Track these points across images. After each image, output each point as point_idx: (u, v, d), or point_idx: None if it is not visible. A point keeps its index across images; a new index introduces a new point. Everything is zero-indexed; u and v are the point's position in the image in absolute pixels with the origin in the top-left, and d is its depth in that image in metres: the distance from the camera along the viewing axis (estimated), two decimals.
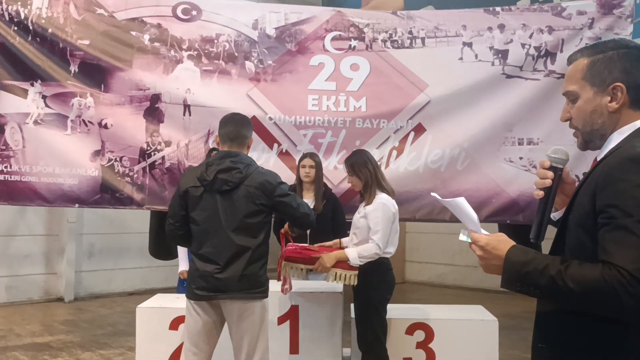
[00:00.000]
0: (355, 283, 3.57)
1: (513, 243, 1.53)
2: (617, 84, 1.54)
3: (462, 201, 1.61)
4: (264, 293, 3.12)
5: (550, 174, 1.64)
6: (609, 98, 1.55)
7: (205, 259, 3.06)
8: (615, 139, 1.55)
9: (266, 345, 3.16)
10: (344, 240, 3.91)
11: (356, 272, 3.57)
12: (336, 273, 3.60)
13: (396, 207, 3.70)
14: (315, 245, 3.87)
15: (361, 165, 3.69)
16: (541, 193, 1.64)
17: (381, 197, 3.62)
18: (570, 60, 1.65)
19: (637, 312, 1.34)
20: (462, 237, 1.61)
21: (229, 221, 3.03)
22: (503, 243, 1.54)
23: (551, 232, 1.65)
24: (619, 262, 1.35)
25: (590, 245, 1.45)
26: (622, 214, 1.37)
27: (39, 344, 5.55)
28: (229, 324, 3.13)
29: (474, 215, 1.60)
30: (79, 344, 5.56)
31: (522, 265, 1.47)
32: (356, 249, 3.60)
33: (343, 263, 3.58)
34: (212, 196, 3.05)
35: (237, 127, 3.16)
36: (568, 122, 1.65)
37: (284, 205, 3.12)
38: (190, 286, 3.13)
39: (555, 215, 1.73)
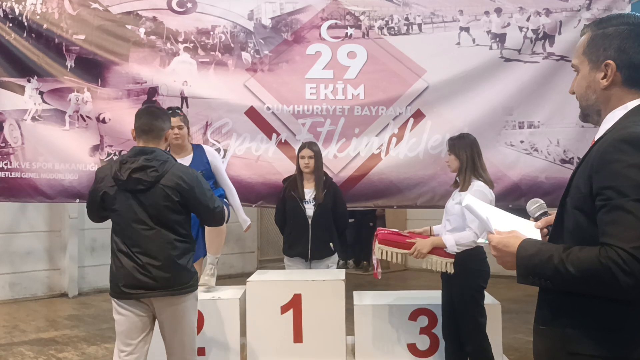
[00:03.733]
0: (452, 271, 3.49)
1: (523, 237, 1.55)
2: (608, 61, 1.54)
3: (474, 205, 1.68)
4: (193, 287, 3.05)
5: (545, 231, 1.70)
6: (602, 74, 1.56)
7: (129, 256, 2.96)
8: (610, 119, 1.56)
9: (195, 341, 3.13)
10: (435, 227, 3.83)
11: (452, 259, 3.48)
12: (432, 259, 3.52)
13: (493, 195, 3.58)
14: (405, 231, 3.85)
15: (461, 147, 3.62)
16: (545, 231, 1.71)
17: (478, 185, 3.52)
18: (581, 34, 1.66)
19: (637, 290, 1.35)
20: (480, 241, 1.65)
21: (148, 219, 2.93)
22: (513, 239, 1.55)
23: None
24: (616, 242, 1.36)
25: (587, 226, 1.46)
26: (618, 194, 1.38)
27: (44, 339, 5.58)
28: (161, 322, 3.04)
29: (483, 215, 1.65)
30: (85, 338, 5.58)
31: (529, 258, 1.49)
32: (453, 236, 3.48)
33: (439, 250, 3.50)
34: (127, 195, 2.95)
35: (150, 120, 3.02)
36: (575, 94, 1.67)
37: (198, 205, 3.01)
38: (115, 284, 3.01)
39: None
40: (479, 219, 1.64)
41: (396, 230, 3.89)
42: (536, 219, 1.75)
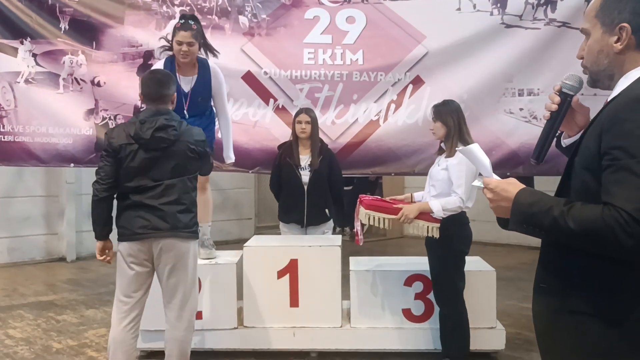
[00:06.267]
0: (438, 235, 3.55)
1: (522, 186, 1.56)
2: (623, 24, 1.52)
3: (475, 147, 1.67)
4: (196, 234, 3.32)
5: (557, 98, 1.67)
6: (615, 38, 1.54)
7: (145, 206, 3.20)
8: (623, 82, 1.54)
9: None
10: (416, 194, 3.88)
11: (438, 224, 3.55)
12: (419, 224, 3.59)
13: None
14: (388, 198, 3.88)
15: (447, 114, 3.62)
16: (547, 114, 1.69)
17: None
18: None
19: (637, 251, 1.36)
20: (476, 183, 1.66)
21: (167, 173, 3.15)
22: (512, 186, 1.57)
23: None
24: (619, 202, 1.36)
25: (594, 187, 1.46)
26: (626, 154, 1.38)
27: (43, 302, 5.63)
28: (163, 265, 3.29)
29: (486, 160, 1.65)
30: (83, 301, 5.64)
31: (528, 206, 1.50)
32: (439, 201, 3.55)
33: (426, 215, 3.56)
34: (149, 152, 3.12)
35: (158, 89, 3.19)
36: (582, 60, 1.65)
37: (206, 158, 3.43)
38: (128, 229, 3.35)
39: (566, 142, 1.76)
40: (479, 163, 1.65)
41: (378, 197, 3.94)
42: (559, 92, 1.68)
